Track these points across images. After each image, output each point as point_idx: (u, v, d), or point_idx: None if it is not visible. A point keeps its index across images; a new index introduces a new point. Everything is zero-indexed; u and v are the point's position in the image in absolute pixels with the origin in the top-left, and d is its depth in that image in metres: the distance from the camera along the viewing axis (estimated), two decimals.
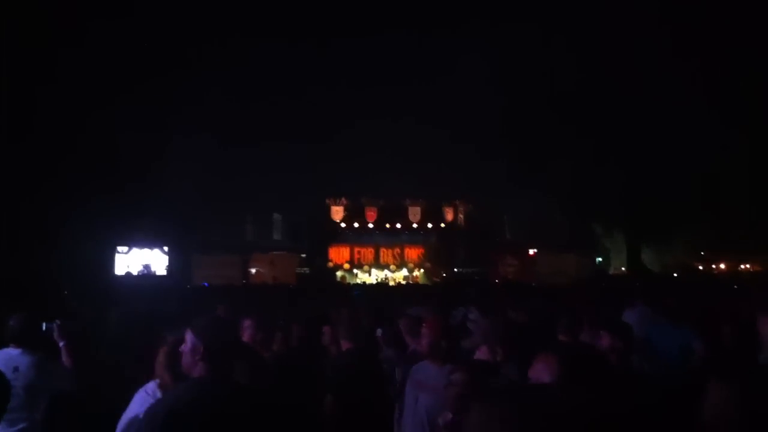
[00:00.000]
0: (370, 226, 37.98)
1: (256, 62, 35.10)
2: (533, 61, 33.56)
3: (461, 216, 39.05)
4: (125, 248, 32.18)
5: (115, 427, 3.75)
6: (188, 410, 2.35)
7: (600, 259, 38.11)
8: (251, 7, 34.37)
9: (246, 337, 4.57)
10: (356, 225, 37.81)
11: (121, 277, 30.71)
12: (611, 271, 36.48)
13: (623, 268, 36.23)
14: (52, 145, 25.70)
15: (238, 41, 33.15)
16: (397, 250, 38.47)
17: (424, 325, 4.09)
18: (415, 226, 38.31)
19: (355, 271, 37.05)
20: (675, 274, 30.67)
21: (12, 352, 4.31)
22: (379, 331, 5.83)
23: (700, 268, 35.66)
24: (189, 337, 2.62)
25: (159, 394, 3.48)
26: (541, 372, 2.06)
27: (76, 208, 25.80)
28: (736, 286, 19.59)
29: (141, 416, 3.42)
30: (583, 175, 33.44)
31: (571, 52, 32.56)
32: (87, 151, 27.03)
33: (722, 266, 36.10)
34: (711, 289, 16.36)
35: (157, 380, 3.60)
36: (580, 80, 32.83)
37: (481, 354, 3.61)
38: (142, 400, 3.51)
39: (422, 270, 37.40)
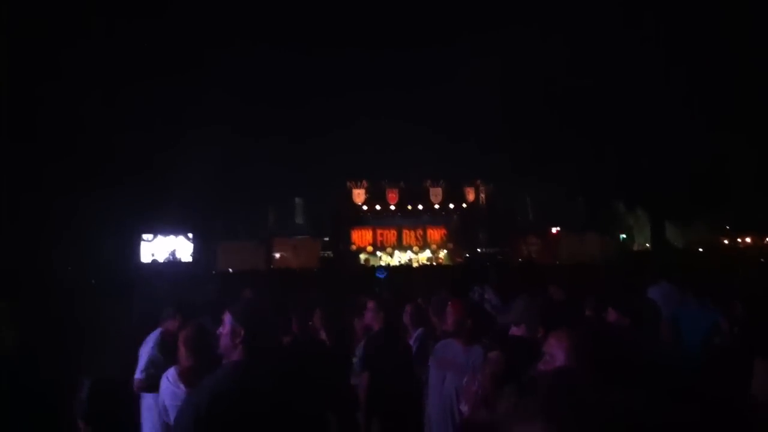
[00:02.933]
0: (392, 208, 37.96)
1: (282, 56, 35.22)
2: (551, 48, 33.27)
3: (483, 196, 38.88)
4: (150, 236, 32.53)
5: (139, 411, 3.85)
6: (231, 393, 2.39)
7: (624, 236, 37.84)
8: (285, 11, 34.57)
9: None
10: (378, 208, 37.80)
11: (147, 264, 31.05)
12: (635, 248, 36.23)
13: (647, 245, 35.94)
14: (77, 136, 25.97)
15: (261, 39, 33.29)
16: (420, 231, 38.42)
17: (449, 303, 4.12)
18: (436, 207, 38.23)
19: (378, 253, 37.09)
20: (699, 250, 30.38)
21: None
22: (407, 311, 5.88)
23: (726, 242, 35.27)
24: (228, 320, 2.65)
25: (180, 381, 3.55)
26: (554, 347, 2.11)
27: (101, 198, 26.09)
28: (762, 260, 19.40)
29: (168, 402, 3.50)
30: (603, 154, 33.22)
31: (587, 38, 32.29)
32: (112, 141, 27.31)
33: (748, 240, 35.66)
34: (736, 264, 16.22)
35: (176, 366, 3.67)
36: (600, 64, 32.58)
37: (518, 331, 3.63)
38: (165, 387, 3.59)
39: (445, 251, 37.36)
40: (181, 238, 33.14)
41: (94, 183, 25.61)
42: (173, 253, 32.64)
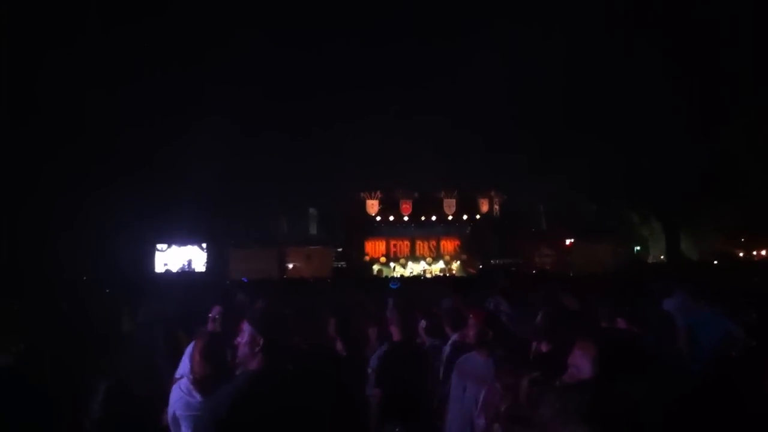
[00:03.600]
0: (406, 219, 37.99)
1: (291, 58, 35.35)
2: (556, 50, 33.17)
3: (496, 207, 38.88)
4: (164, 246, 32.73)
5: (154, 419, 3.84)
6: (251, 400, 2.39)
7: (638, 247, 37.66)
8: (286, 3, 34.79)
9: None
10: (391, 218, 37.85)
11: (160, 274, 31.23)
12: (650, 260, 36.02)
13: (662, 257, 35.73)
14: (88, 145, 26.18)
15: (270, 38, 33.36)
16: (433, 242, 38.43)
17: (471, 315, 4.10)
18: (450, 218, 38.24)
19: (391, 264, 37.12)
20: (715, 262, 30.16)
21: None
22: (422, 323, 5.88)
23: (741, 254, 35.01)
24: (247, 329, 2.65)
25: (195, 390, 3.55)
26: (579, 358, 2.11)
27: (114, 208, 26.26)
28: None
29: (179, 413, 3.51)
30: (617, 164, 33.05)
31: (592, 39, 32.22)
32: (123, 151, 27.50)
33: (763, 253, 35.39)
34: (751, 276, 16.07)
35: (189, 376, 3.67)
36: (607, 68, 32.50)
37: (545, 348, 3.62)
38: (177, 397, 3.60)
39: (458, 262, 37.33)
40: (195, 247, 33.33)
41: (107, 194, 25.76)
42: (189, 263, 32.84)
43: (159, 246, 32.63)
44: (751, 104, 29.75)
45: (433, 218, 38.01)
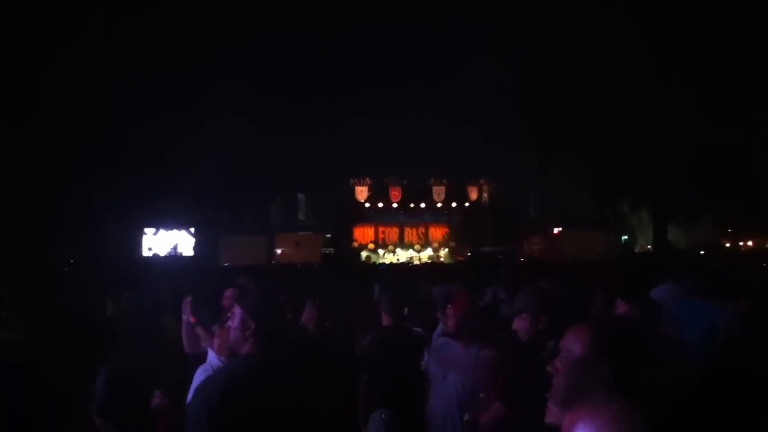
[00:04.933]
0: (395, 205, 38.04)
1: (284, 49, 35.29)
2: (553, 45, 33.14)
3: (486, 195, 38.92)
4: (152, 230, 32.62)
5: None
6: (244, 385, 2.38)
7: (626, 237, 37.82)
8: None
9: None
10: (380, 205, 37.87)
11: (148, 258, 31.12)
12: (637, 249, 36.19)
13: (649, 246, 35.91)
14: (78, 128, 26.03)
15: (264, 31, 33.26)
16: (422, 229, 38.47)
17: (449, 305, 4.06)
18: (439, 205, 38.31)
19: (380, 251, 37.10)
20: (701, 252, 30.33)
21: None
22: (405, 310, 5.83)
23: (727, 245, 35.21)
24: (238, 313, 2.62)
25: None
26: (572, 343, 2.10)
27: (102, 191, 26.16)
28: (765, 264, 19.32)
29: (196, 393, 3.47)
30: (606, 154, 33.16)
31: (592, 32, 32.23)
32: (113, 133, 27.35)
33: (749, 244, 35.60)
34: (737, 267, 16.16)
35: (221, 358, 3.62)
36: (603, 59, 32.54)
37: (522, 322, 3.62)
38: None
39: (447, 249, 37.37)
40: (183, 232, 33.23)
41: (96, 177, 25.65)
42: (175, 248, 32.73)
43: (147, 230, 32.49)
44: (749, 99, 29.87)
45: (422, 205, 38.07)
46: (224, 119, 30.71)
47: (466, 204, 38.49)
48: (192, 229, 33.27)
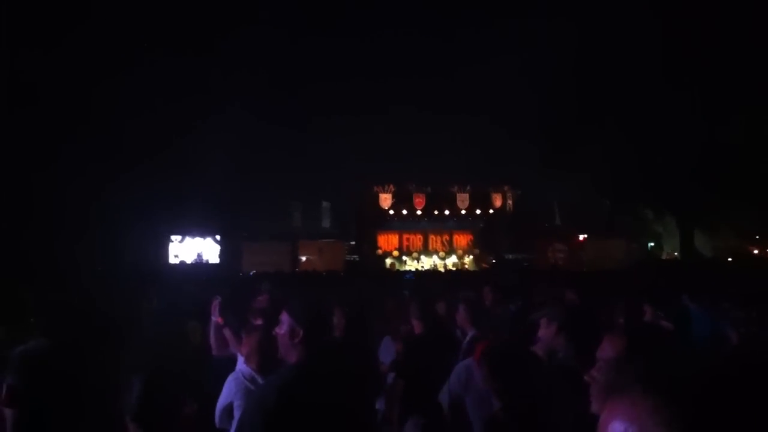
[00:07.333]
0: (419, 212, 37.97)
1: (306, 52, 35.44)
2: (573, 48, 32.98)
3: (510, 202, 38.74)
4: (179, 237, 32.96)
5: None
6: (297, 391, 2.40)
7: (652, 244, 37.51)
8: None
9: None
10: (404, 212, 37.84)
11: (175, 265, 31.45)
12: (664, 257, 35.87)
13: (675, 254, 35.56)
14: (105, 136, 26.40)
15: (285, 31, 33.43)
16: (446, 236, 38.36)
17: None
18: (463, 212, 38.18)
19: (404, 258, 37.12)
20: (729, 259, 30.00)
21: None
22: (460, 311, 5.84)
23: (755, 252, 34.80)
24: (287, 320, 2.66)
25: (258, 377, 3.57)
26: (607, 351, 2.19)
27: (130, 199, 26.48)
28: None
29: (238, 402, 3.55)
30: (631, 160, 32.93)
31: (610, 34, 32.06)
32: (140, 143, 27.69)
33: None
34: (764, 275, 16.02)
35: (251, 365, 3.71)
36: (623, 65, 32.35)
37: (545, 332, 3.66)
38: (237, 388, 3.59)
39: (471, 257, 37.30)
40: (208, 239, 33.53)
41: (124, 185, 25.99)
42: (200, 255, 33.04)
43: (173, 237, 32.85)
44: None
45: (446, 212, 37.95)
46: (249, 126, 30.96)
47: (490, 211, 38.36)
48: (218, 237, 33.58)
